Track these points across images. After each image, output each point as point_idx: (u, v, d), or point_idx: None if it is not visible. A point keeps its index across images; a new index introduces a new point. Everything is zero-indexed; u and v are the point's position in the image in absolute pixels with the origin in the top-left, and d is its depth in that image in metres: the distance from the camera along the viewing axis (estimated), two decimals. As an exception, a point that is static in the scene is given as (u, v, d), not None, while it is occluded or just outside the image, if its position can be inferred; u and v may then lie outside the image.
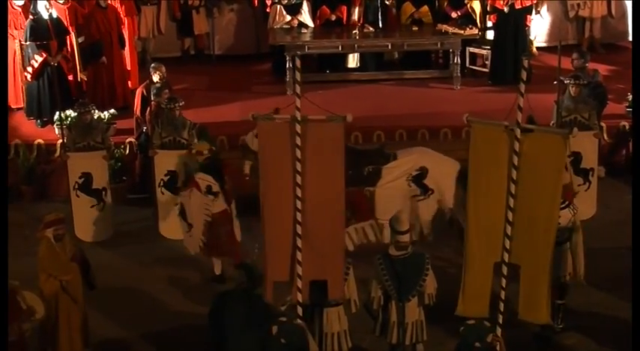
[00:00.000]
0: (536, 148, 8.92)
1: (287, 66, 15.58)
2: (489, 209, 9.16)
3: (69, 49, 15.22)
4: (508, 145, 8.98)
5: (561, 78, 12.68)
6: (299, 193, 9.30)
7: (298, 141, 9.20)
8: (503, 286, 9.17)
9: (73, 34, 15.33)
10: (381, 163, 11.57)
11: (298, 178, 9.27)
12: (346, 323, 9.84)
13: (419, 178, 11.50)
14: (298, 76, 9.27)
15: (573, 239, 10.60)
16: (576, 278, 10.73)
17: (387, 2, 16.41)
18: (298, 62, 9.35)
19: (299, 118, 9.18)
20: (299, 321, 9.45)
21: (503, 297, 9.20)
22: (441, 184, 11.47)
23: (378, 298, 9.77)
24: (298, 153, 9.23)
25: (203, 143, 11.98)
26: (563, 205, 10.45)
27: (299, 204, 9.32)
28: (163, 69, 13.83)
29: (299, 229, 9.37)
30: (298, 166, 9.25)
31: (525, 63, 8.85)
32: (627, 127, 14.25)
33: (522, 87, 8.81)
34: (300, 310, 9.51)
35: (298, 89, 9.23)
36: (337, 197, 9.41)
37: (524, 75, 8.85)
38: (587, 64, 13.71)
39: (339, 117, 9.20)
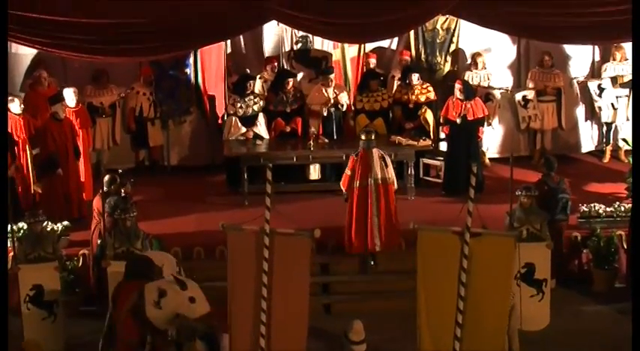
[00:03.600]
0: (485, 251, 9.01)
1: (244, 177, 15.65)
2: (440, 313, 9.18)
3: (21, 161, 15.22)
4: (457, 249, 9.05)
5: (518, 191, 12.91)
6: (264, 305, 9.29)
7: (266, 254, 9.22)
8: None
9: (27, 146, 15.35)
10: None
11: (264, 291, 9.26)
12: None
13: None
14: (269, 188, 9.30)
15: (511, 323, 10.65)
16: None
17: (346, 111, 16.67)
18: (269, 174, 9.38)
19: (267, 231, 9.21)
20: None
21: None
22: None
23: None
24: (265, 265, 9.23)
25: None
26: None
27: (264, 317, 9.30)
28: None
29: (262, 343, 9.31)
30: (265, 279, 9.25)
31: (474, 169, 8.98)
32: (579, 238, 14.38)
33: (472, 192, 8.92)
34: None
35: (268, 201, 9.27)
36: (301, 310, 9.40)
37: (473, 180, 8.97)
38: (552, 172, 13.96)
39: (306, 232, 9.26)
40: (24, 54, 16.58)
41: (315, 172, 16.58)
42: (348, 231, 13.88)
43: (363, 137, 14.04)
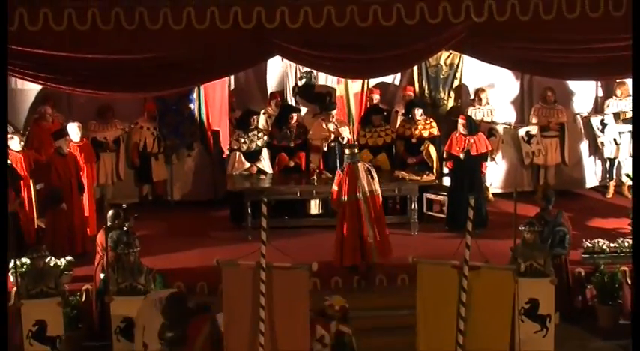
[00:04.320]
0: (484, 285, 9.03)
1: (248, 212, 15.66)
2: (439, 346, 9.19)
3: (25, 196, 15.24)
4: (456, 282, 9.06)
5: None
6: (262, 340, 9.29)
7: (263, 288, 9.22)
8: None
9: (31, 181, 15.37)
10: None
11: (262, 326, 9.26)
12: None
13: None
14: (264, 222, 9.33)
15: None
16: None
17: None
18: (264, 209, 9.42)
19: (264, 265, 9.22)
20: None
21: None
22: None
23: None
24: (262, 300, 9.23)
25: (337, 298, 11.60)
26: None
27: (261, 351, 9.32)
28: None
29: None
30: (262, 314, 9.25)
31: (472, 202, 9.00)
32: (583, 274, 14.34)
33: (469, 225, 8.93)
34: None
35: (264, 236, 9.29)
36: (301, 345, 9.40)
37: (471, 213, 8.97)
38: (550, 206, 13.94)
39: (304, 265, 9.27)
40: (29, 89, 16.66)
41: (315, 207, 16.59)
42: (339, 244, 14.08)
43: (347, 152, 14.36)
